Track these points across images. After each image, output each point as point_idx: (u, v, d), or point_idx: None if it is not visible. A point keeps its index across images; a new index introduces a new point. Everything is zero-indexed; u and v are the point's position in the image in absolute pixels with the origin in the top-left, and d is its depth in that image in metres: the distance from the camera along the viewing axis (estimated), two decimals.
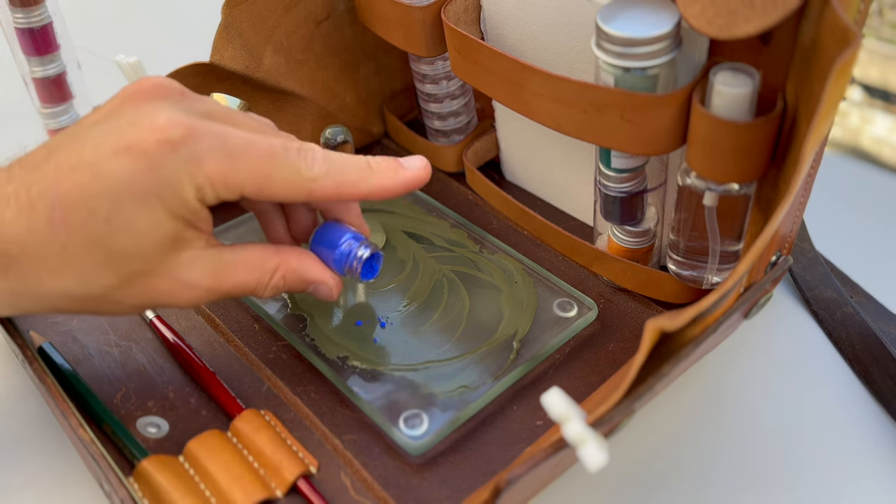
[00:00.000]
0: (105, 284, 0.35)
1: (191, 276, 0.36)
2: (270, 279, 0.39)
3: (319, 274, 0.40)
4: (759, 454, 0.41)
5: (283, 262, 0.39)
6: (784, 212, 0.31)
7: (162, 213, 0.35)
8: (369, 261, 0.42)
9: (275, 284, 0.39)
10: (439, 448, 0.40)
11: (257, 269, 0.38)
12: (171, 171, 0.34)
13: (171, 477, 0.37)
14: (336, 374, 0.42)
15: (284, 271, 0.39)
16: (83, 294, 0.35)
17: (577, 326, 0.45)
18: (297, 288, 0.40)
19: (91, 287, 0.35)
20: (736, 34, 0.33)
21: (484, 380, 0.42)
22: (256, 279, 0.38)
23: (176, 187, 0.35)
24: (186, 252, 0.36)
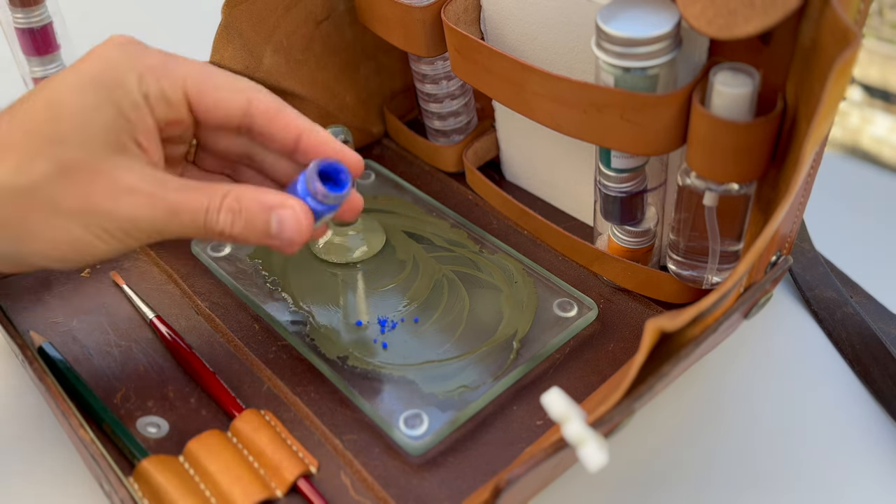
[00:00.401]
0: (40, 171, 0.34)
1: (131, 178, 0.35)
2: (222, 201, 0.35)
3: (280, 197, 0.36)
4: (759, 454, 0.41)
5: (235, 185, 0.36)
6: (784, 212, 0.31)
7: (101, 98, 0.35)
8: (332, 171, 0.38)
9: (229, 207, 0.35)
10: (439, 448, 0.40)
11: (205, 190, 0.36)
12: (115, 61, 0.35)
13: (171, 477, 0.37)
14: (336, 374, 0.42)
15: (238, 193, 0.36)
16: (17, 184, 0.34)
17: (577, 326, 0.45)
18: (258, 219, 0.36)
19: (26, 175, 0.34)
20: (736, 34, 0.33)
21: (484, 380, 0.42)
22: (207, 199, 0.35)
23: (119, 73, 0.35)
24: (128, 158, 0.35)
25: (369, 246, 0.50)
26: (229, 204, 0.35)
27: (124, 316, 0.47)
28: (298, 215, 0.36)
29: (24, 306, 0.47)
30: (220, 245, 0.51)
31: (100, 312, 0.47)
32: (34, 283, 0.49)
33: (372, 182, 0.56)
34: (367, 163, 0.58)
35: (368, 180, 0.57)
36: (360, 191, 0.55)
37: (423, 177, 0.58)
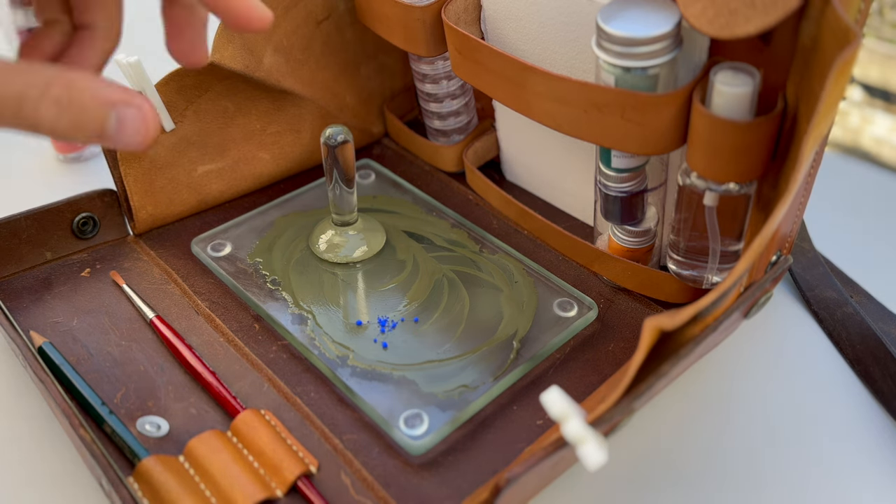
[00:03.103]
0: None
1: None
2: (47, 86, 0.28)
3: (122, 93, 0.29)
4: (759, 454, 0.41)
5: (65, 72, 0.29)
6: (784, 211, 0.31)
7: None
8: None
9: (56, 97, 0.28)
10: (439, 448, 0.40)
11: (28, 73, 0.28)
12: None
13: (171, 477, 0.37)
14: (336, 373, 0.42)
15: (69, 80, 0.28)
16: None
17: (577, 326, 0.45)
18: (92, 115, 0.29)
19: None
20: (737, 34, 0.33)
21: (484, 379, 0.42)
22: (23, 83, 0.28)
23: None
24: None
25: (369, 245, 0.50)
26: (57, 94, 0.28)
27: (124, 316, 0.47)
28: (145, 114, 0.30)
29: (24, 306, 0.47)
30: (221, 245, 0.51)
31: (100, 312, 0.47)
32: (34, 282, 0.49)
33: (372, 182, 0.56)
34: (367, 163, 0.58)
35: (368, 180, 0.57)
36: (360, 191, 0.55)
37: (423, 177, 0.58)
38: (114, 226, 0.52)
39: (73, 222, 0.50)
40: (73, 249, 0.51)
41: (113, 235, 0.52)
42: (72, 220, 0.50)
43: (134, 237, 0.52)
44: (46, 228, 0.50)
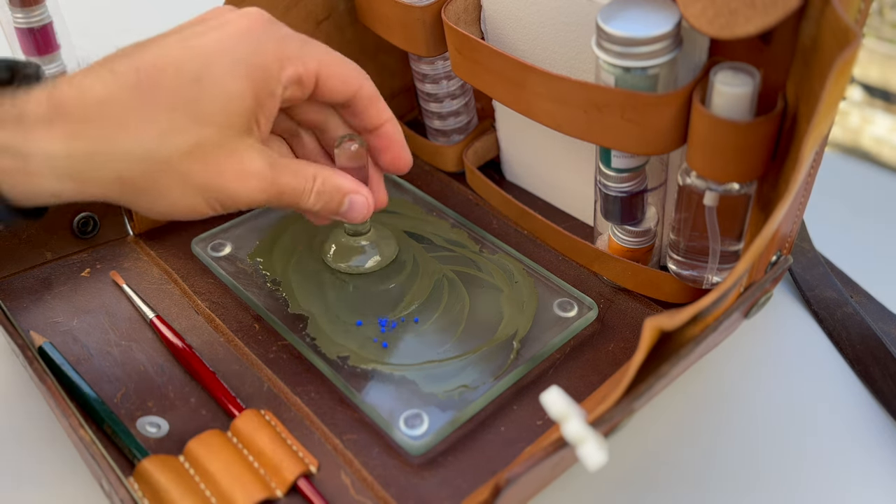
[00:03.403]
0: (182, 145, 0.36)
1: (253, 160, 0.37)
2: (313, 184, 0.40)
3: (354, 184, 0.41)
4: (759, 454, 0.41)
5: (319, 169, 0.40)
6: (784, 211, 0.31)
7: (249, 84, 0.36)
8: None
9: (317, 190, 0.40)
10: (439, 448, 0.40)
11: (302, 173, 0.40)
12: (263, 44, 0.37)
13: (171, 477, 0.37)
14: (336, 373, 0.42)
15: (322, 178, 0.40)
16: (158, 154, 0.35)
17: (577, 326, 0.45)
18: (334, 200, 0.41)
19: (168, 145, 0.35)
20: (737, 34, 0.33)
21: (484, 380, 0.42)
22: (302, 183, 0.39)
23: (267, 60, 0.37)
24: (252, 139, 0.38)
25: (382, 255, 0.49)
26: (318, 188, 0.40)
27: (124, 316, 0.47)
28: (368, 200, 0.42)
29: (25, 306, 0.47)
30: (221, 245, 0.51)
31: (100, 312, 0.47)
32: (34, 282, 0.49)
33: None
34: None
35: None
36: None
37: (423, 177, 0.58)
38: (114, 225, 0.52)
39: (74, 222, 0.50)
40: (73, 249, 0.51)
41: (113, 235, 0.52)
42: (72, 220, 0.50)
43: (134, 237, 0.52)
44: (46, 228, 0.50)
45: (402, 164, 0.44)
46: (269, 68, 0.37)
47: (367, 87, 0.42)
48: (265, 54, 0.37)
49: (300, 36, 0.39)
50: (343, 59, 0.41)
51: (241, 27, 0.37)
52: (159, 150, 0.35)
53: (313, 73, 0.39)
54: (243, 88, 0.36)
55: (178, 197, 0.37)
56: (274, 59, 0.37)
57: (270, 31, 0.38)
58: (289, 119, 0.43)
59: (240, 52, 0.36)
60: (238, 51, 0.36)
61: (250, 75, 0.36)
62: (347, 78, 0.40)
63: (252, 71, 0.37)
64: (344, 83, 0.40)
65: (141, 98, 0.35)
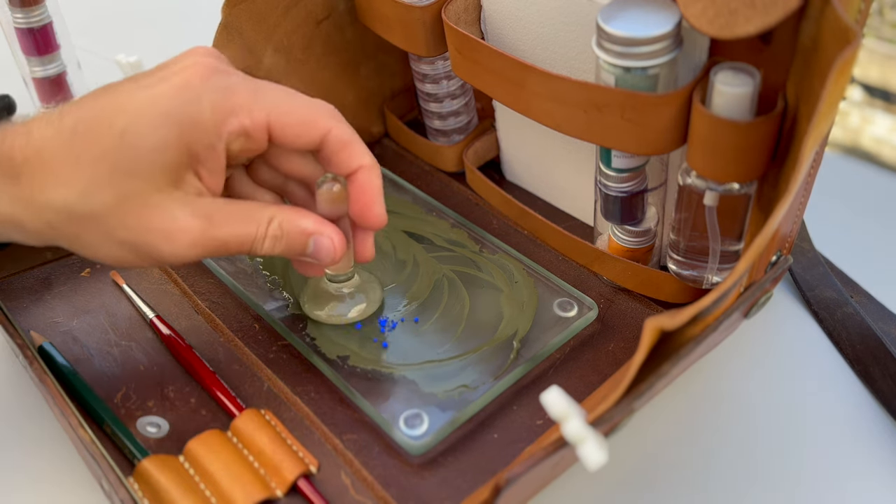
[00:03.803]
0: (102, 201, 0.35)
1: (183, 216, 0.36)
2: (267, 228, 0.37)
3: (318, 224, 0.38)
4: (759, 454, 0.41)
5: (278, 210, 0.38)
6: (784, 211, 0.31)
7: (175, 137, 0.35)
8: None
9: (272, 234, 0.38)
10: (439, 448, 0.40)
11: (252, 218, 0.37)
12: (198, 94, 0.36)
13: (171, 477, 0.37)
14: (336, 373, 0.42)
15: (281, 219, 0.38)
16: (81, 210, 0.35)
17: (577, 326, 0.45)
18: (296, 242, 0.38)
19: (90, 202, 0.35)
20: (737, 34, 0.33)
21: (484, 380, 0.42)
22: (254, 230, 0.37)
23: (201, 113, 0.36)
24: (182, 192, 0.36)
25: (368, 302, 0.46)
26: (273, 231, 0.38)
27: (124, 315, 0.47)
28: (333, 241, 0.39)
29: (25, 306, 0.47)
30: None
31: (100, 312, 0.47)
32: (34, 283, 0.49)
33: None
34: None
35: None
36: None
37: (423, 177, 0.58)
38: None
39: None
40: None
41: None
42: None
43: None
44: None
45: (371, 217, 0.40)
46: (203, 121, 0.36)
47: (338, 130, 0.39)
48: (199, 106, 0.36)
49: (253, 85, 0.38)
50: (305, 104, 0.39)
51: (181, 80, 0.36)
52: (80, 204, 0.35)
53: (262, 123, 0.37)
54: (166, 143, 0.35)
55: (106, 250, 0.36)
56: (211, 111, 0.36)
57: (213, 83, 0.36)
58: (273, 170, 0.42)
59: (170, 105, 0.35)
60: (168, 104, 0.35)
61: (177, 130, 0.35)
62: (307, 124, 0.38)
63: (180, 123, 0.35)
64: (304, 130, 0.38)
65: (72, 150, 0.35)
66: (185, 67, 0.37)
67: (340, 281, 0.45)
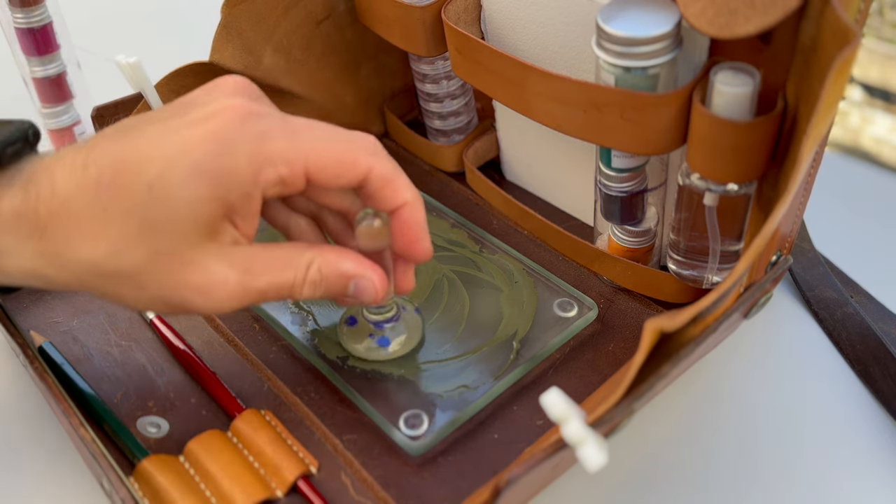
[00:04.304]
0: (134, 259, 0.33)
1: (221, 269, 0.34)
2: (306, 274, 0.36)
3: (359, 267, 0.37)
4: (759, 454, 0.41)
5: (317, 254, 0.36)
6: (783, 211, 0.31)
7: (209, 190, 0.33)
8: None
9: (311, 280, 0.36)
10: (439, 448, 0.40)
11: (290, 264, 0.36)
12: (233, 145, 0.33)
13: (171, 477, 0.37)
14: (336, 374, 0.42)
15: (320, 264, 0.36)
16: (111, 268, 0.33)
17: (577, 326, 0.45)
18: (336, 286, 0.37)
19: (120, 260, 0.33)
20: (736, 33, 0.33)
21: (484, 380, 0.42)
22: (292, 276, 0.36)
23: (236, 163, 0.33)
24: (217, 244, 0.34)
25: (409, 334, 0.45)
26: (312, 276, 0.36)
27: (124, 315, 0.47)
28: (374, 283, 0.37)
29: (25, 306, 0.47)
30: None
31: (100, 312, 0.47)
32: None
33: None
34: None
35: None
36: None
37: (423, 177, 0.58)
38: None
39: None
40: None
41: None
42: None
43: None
44: None
45: (418, 251, 0.39)
46: (239, 172, 0.33)
47: (379, 168, 0.36)
48: (234, 157, 0.33)
49: (289, 127, 0.35)
50: (344, 142, 0.36)
51: (213, 127, 0.34)
52: (110, 262, 0.33)
53: (300, 170, 0.35)
54: (200, 196, 0.33)
55: (138, 303, 0.35)
56: (247, 162, 0.33)
57: (246, 130, 0.34)
58: (309, 201, 0.40)
59: (202, 155, 0.33)
60: (200, 154, 0.33)
61: (211, 182, 0.33)
62: (347, 164, 0.36)
63: (215, 177, 0.33)
64: (343, 170, 0.36)
65: (98, 202, 0.33)
66: (217, 112, 0.34)
67: (379, 313, 0.43)
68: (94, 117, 0.48)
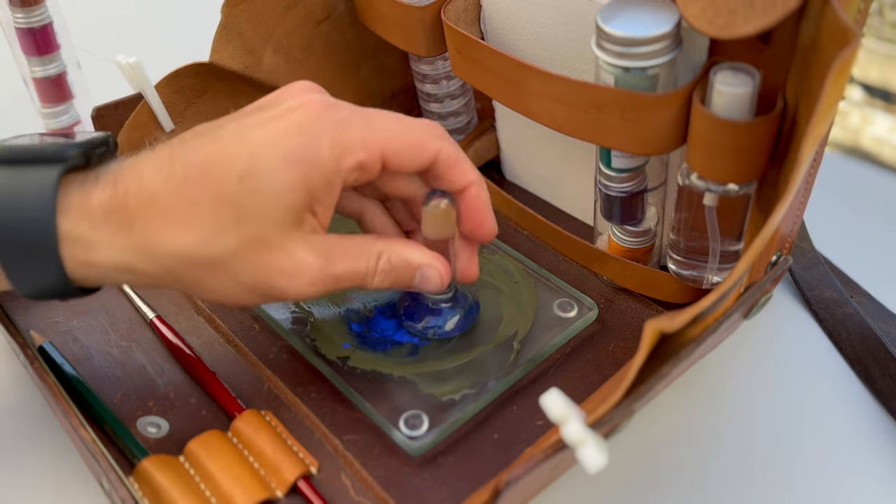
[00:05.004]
0: (225, 246, 0.35)
1: (305, 255, 0.36)
2: (377, 263, 0.38)
3: (425, 257, 0.39)
4: (758, 454, 0.41)
5: (386, 245, 0.38)
6: (783, 211, 0.31)
7: (296, 179, 0.35)
8: None
9: (382, 269, 0.38)
10: (439, 448, 0.40)
11: (363, 254, 0.38)
12: (317, 135, 0.35)
13: (171, 477, 0.37)
14: (336, 374, 0.42)
15: (389, 254, 0.38)
16: (203, 256, 0.35)
17: (577, 327, 0.45)
18: (405, 276, 0.39)
19: (211, 248, 0.35)
20: (736, 34, 0.33)
21: (484, 381, 0.42)
22: (364, 265, 0.38)
23: (320, 153, 0.35)
24: (302, 232, 0.36)
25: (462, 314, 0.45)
26: (382, 266, 0.38)
27: (125, 316, 0.47)
28: (440, 272, 0.39)
29: (25, 306, 0.47)
30: None
31: (100, 312, 0.47)
32: None
33: None
34: None
35: None
36: None
37: None
38: None
39: None
40: None
41: None
42: None
43: None
44: None
45: (484, 231, 0.41)
46: (323, 161, 0.35)
47: (446, 150, 0.39)
48: (319, 147, 0.35)
49: (364, 115, 0.37)
50: (414, 127, 0.38)
51: (297, 119, 0.36)
52: (202, 250, 0.35)
53: (377, 156, 0.37)
54: (290, 185, 0.35)
55: (225, 292, 0.36)
56: (330, 150, 0.35)
57: (326, 120, 0.36)
58: (376, 190, 0.42)
59: (290, 146, 0.35)
60: (287, 145, 0.35)
61: (300, 170, 0.35)
62: (419, 148, 0.38)
63: (302, 166, 0.35)
64: (416, 155, 0.38)
65: (189, 196, 0.34)
66: (298, 107, 0.36)
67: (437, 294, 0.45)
68: (95, 117, 0.48)
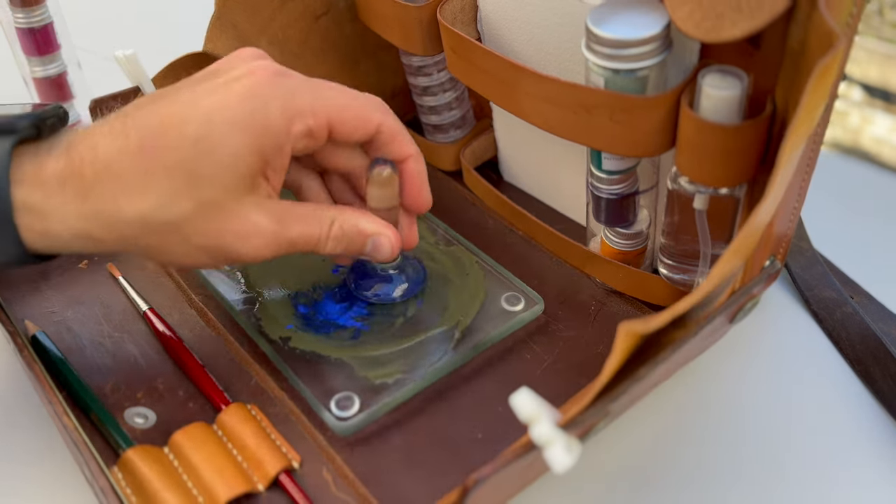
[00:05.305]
0: (181, 211, 0.35)
1: (259, 218, 0.37)
2: (330, 229, 0.39)
3: (377, 226, 0.41)
4: (758, 454, 0.41)
5: (339, 212, 0.40)
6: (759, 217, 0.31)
7: (249, 142, 0.36)
8: None
9: (335, 236, 0.39)
10: (422, 445, 0.40)
11: (316, 220, 0.39)
12: (267, 100, 0.36)
13: (154, 467, 0.38)
14: (276, 353, 0.43)
15: (342, 221, 0.40)
16: (159, 220, 0.36)
17: (521, 319, 0.45)
18: (356, 243, 0.40)
19: (167, 212, 0.35)
20: (723, 37, 0.33)
21: (420, 366, 0.42)
22: (318, 230, 0.39)
23: (271, 118, 0.36)
24: (256, 196, 0.37)
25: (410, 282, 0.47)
26: (335, 233, 0.39)
27: (119, 307, 0.47)
28: (391, 240, 0.41)
29: (22, 296, 0.48)
30: None
31: (95, 303, 0.48)
32: (32, 272, 0.49)
33: None
34: None
35: None
36: None
37: None
38: None
39: None
40: None
41: None
42: None
43: None
44: None
45: (420, 202, 0.43)
46: (274, 126, 0.36)
47: (388, 122, 0.40)
48: (268, 112, 0.36)
49: (311, 84, 0.39)
50: (359, 99, 0.40)
51: (247, 85, 0.36)
52: (157, 215, 0.35)
53: (325, 123, 0.38)
54: (243, 148, 0.36)
55: (181, 256, 0.37)
56: (280, 115, 0.37)
57: (277, 86, 0.37)
58: (315, 162, 0.43)
59: (240, 111, 0.36)
60: (238, 110, 0.36)
61: (252, 134, 0.36)
62: (363, 119, 0.39)
63: (254, 130, 0.36)
64: (360, 125, 0.39)
65: (143, 161, 0.35)
66: (248, 73, 0.37)
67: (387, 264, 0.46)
68: (92, 109, 0.48)
